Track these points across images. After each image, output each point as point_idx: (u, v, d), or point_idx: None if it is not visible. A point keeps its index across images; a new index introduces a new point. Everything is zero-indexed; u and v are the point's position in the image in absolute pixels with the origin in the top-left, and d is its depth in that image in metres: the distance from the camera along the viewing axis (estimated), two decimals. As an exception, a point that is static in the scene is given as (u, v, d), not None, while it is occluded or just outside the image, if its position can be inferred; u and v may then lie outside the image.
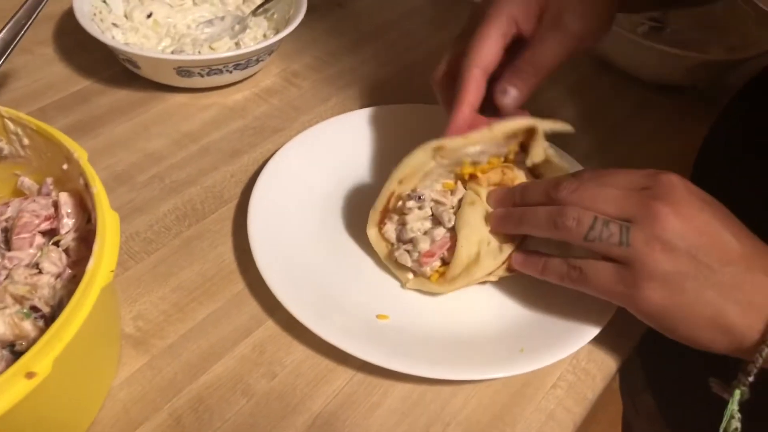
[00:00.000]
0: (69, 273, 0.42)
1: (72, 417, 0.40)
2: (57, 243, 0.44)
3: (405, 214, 0.49)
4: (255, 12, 0.71)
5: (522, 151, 0.50)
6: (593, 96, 0.72)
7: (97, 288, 0.36)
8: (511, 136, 0.48)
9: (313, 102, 0.67)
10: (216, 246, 0.52)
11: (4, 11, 0.57)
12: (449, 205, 0.49)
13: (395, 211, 0.50)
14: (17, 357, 0.37)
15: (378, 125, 0.61)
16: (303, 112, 0.65)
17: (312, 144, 0.58)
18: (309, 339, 0.46)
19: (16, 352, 0.38)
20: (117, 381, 0.43)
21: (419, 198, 0.48)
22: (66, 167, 0.44)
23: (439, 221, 0.49)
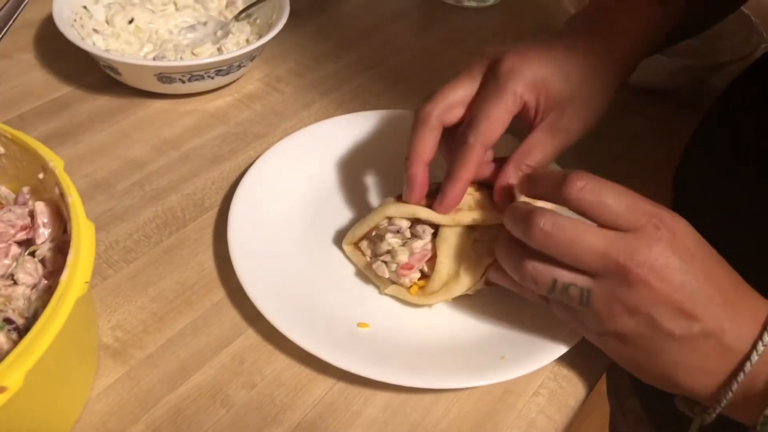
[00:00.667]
0: (44, 284, 0.42)
1: (46, 430, 0.40)
2: (33, 253, 0.43)
3: (381, 235, 0.49)
4: (237, 17, 0.71)
5: None
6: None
7: (71, 300, 0.36)
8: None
9: (296, 107, 0.66)
10: (196, 254, 0.52)
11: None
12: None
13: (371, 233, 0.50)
14: (-11, 370, 0.36)
15: (361, 131, 0.60)
16: (286, 117, 0.65)
17: (294, 151, 0.58)
18: (289, 348, 0.45)
19: (-12, 365, 0.37)
20: (94, 392, 0.43)
21: (397, 232, 0.48)
22: (42, 176, 0.44)
23: (416, 234, 0.48)
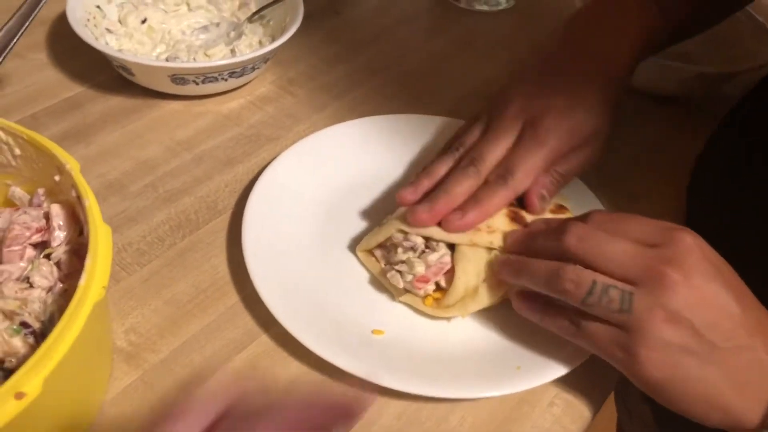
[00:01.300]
0: (60, 287, 0.41)
1: (62, 435, 0.39)
2: (48, 256, 0.43)
3: (396, 245, 0.49)
4: (251, 18, 0.71)
5: None
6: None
7: (89, 305, 0.35)
8: None
9: (309, 110, 0.66)
10: (210, 258, 0.51)
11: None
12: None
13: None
14: (7, 374, 0.36)
15: (374, 136, 0.60)
16: (298, 120, 0.65)
17: (307, 155, 0.57)
18: (303, 354, 0.45)
19: (5, 369, 0.37)
20: (108, 396, 0.43)
21: (412, 249, 0.48)
22: (58, 178, 0.44)
23: (430, 248, 0.48)
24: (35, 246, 0.44)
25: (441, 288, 0.48)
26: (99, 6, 0.67)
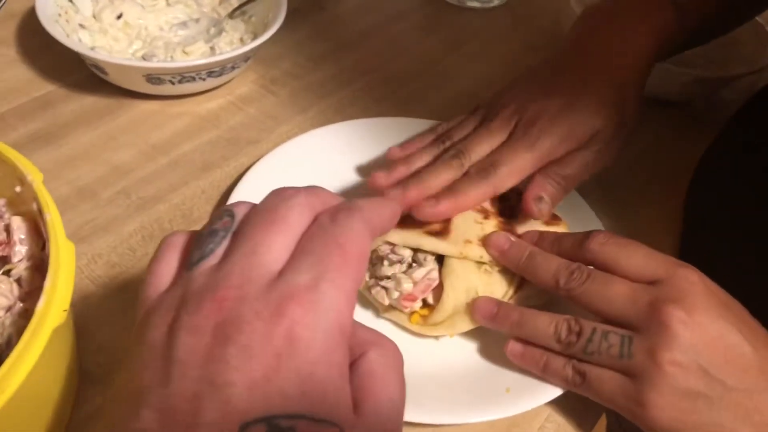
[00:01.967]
0: (20, 307, 0.38)
1: (20, 467, 0.37)
2: (8, 272, 0.40)
3: (381, 257, 0.46)
4: (232, 14, 0.68)
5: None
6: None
7: (47, 331, 0.33)
8: None
9: (292, 111, 0.63)
10: (185, 270, 0.49)
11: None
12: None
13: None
14: (-43, 406, 0.34)
15: (361, 140, 0.57)
16: (281, 122, 0.62)
17: (290, 159, 0.55)
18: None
19: (-45, 399, 0.34)
20: (74, 423, 0.40)
21: (400, 262, 0.45)
22: (19, 189, 0.41)
23: (417, 261, 0.46)
24: (-6, 261, 0.41)
25: (428, 305, 0.45)
26: (72, 0, 0.64)
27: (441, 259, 0.46)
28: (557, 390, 0.42)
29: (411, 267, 0.45)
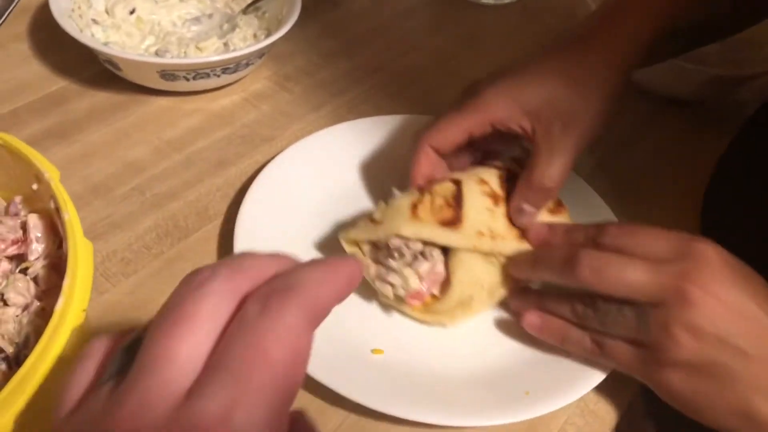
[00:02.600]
0: (37, 305, 0.38)
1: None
2: (25, 270, 0.40)
3: (390, 249, 0.45)
4: (245, 10, 0.67)
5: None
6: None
7: (66, 331, 0.33)
8: None
9: (306, 109, 0.63)
10: (200, 268, 0.48)
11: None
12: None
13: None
14: (-24, 406, 0.33)
15: (375, 138, 0.57)
16: (294, 119, 0.62)
17: (304, 157, 0.54)
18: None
19: (-26, 399, 0.34)
20: (89, 421, 0.40)
21: (403, 254, 0.45)
22: (36, 187, 0.41)
23: (424, 255, 0.45)
24: (11, 259, 0.41)
25: (432, 294, 0.45)
26: (85, -5, 0.63)
27: (446, 251, 0.45)
28: (576, 393, 0.42)
29: (416, 258, 0.44)
